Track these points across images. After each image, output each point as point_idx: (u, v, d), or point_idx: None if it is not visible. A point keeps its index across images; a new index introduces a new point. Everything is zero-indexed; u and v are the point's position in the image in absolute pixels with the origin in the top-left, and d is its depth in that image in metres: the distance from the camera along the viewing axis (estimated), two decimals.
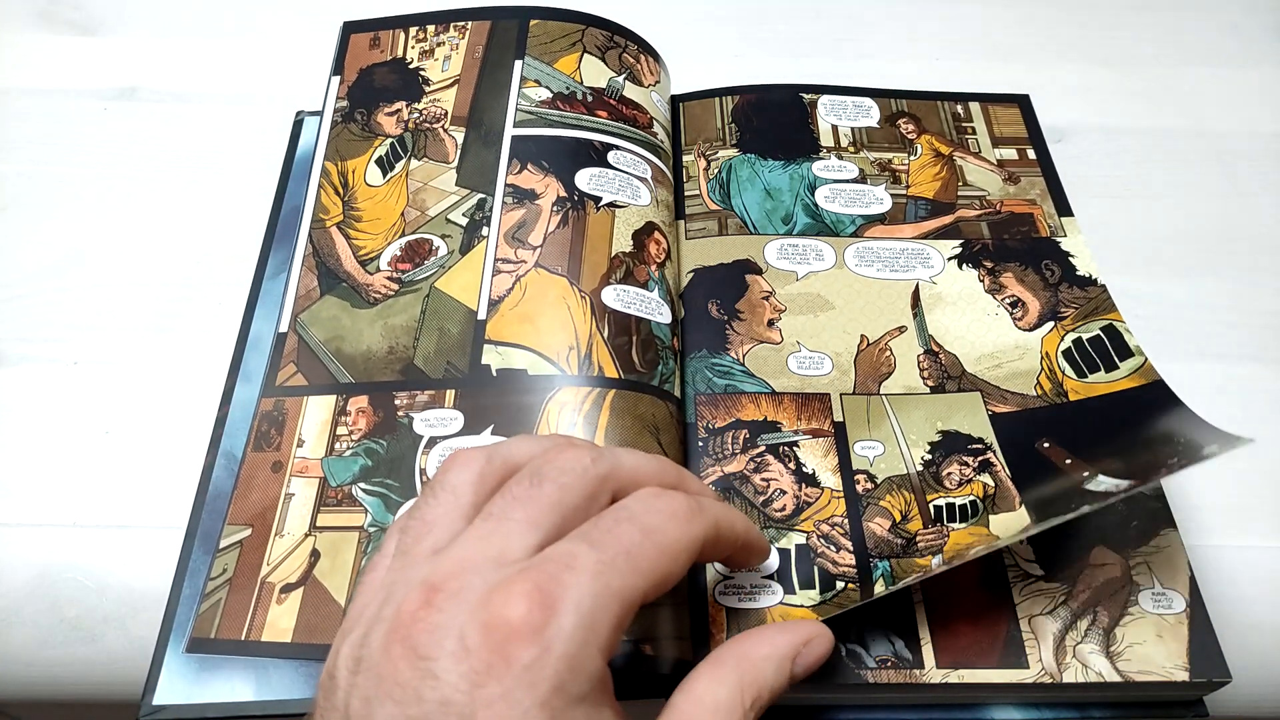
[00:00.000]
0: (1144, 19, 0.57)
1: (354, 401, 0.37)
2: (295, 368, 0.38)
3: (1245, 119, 0.53)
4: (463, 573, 0.24)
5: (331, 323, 0.39)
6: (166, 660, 0.32)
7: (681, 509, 0.26)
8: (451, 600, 0.23)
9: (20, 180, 0.47)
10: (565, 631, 0.22)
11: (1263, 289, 0.46)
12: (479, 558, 0.24)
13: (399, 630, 0.23)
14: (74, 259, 0.44)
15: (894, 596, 0.33)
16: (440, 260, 0.40)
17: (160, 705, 0.31)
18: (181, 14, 0.54)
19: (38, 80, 0.51)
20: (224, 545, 0.34)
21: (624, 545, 0.24)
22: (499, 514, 0.25)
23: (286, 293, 0.40)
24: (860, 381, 0.39)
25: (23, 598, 0.35)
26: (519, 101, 0.44)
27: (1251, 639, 0.36)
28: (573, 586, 0.23)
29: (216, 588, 0.33)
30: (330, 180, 0.43)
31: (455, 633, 0.22)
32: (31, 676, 0.35)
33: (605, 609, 0.23)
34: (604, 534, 0.25)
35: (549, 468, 0.26)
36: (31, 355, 0.41)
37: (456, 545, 0.25)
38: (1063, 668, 0.32)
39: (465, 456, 0.27)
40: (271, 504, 0.35)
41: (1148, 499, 0.37)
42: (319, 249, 0.41)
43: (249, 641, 0.32)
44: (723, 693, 0.26)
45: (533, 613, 0.22)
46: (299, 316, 0.39)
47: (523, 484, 0.26)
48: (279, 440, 0.36)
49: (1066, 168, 0.48)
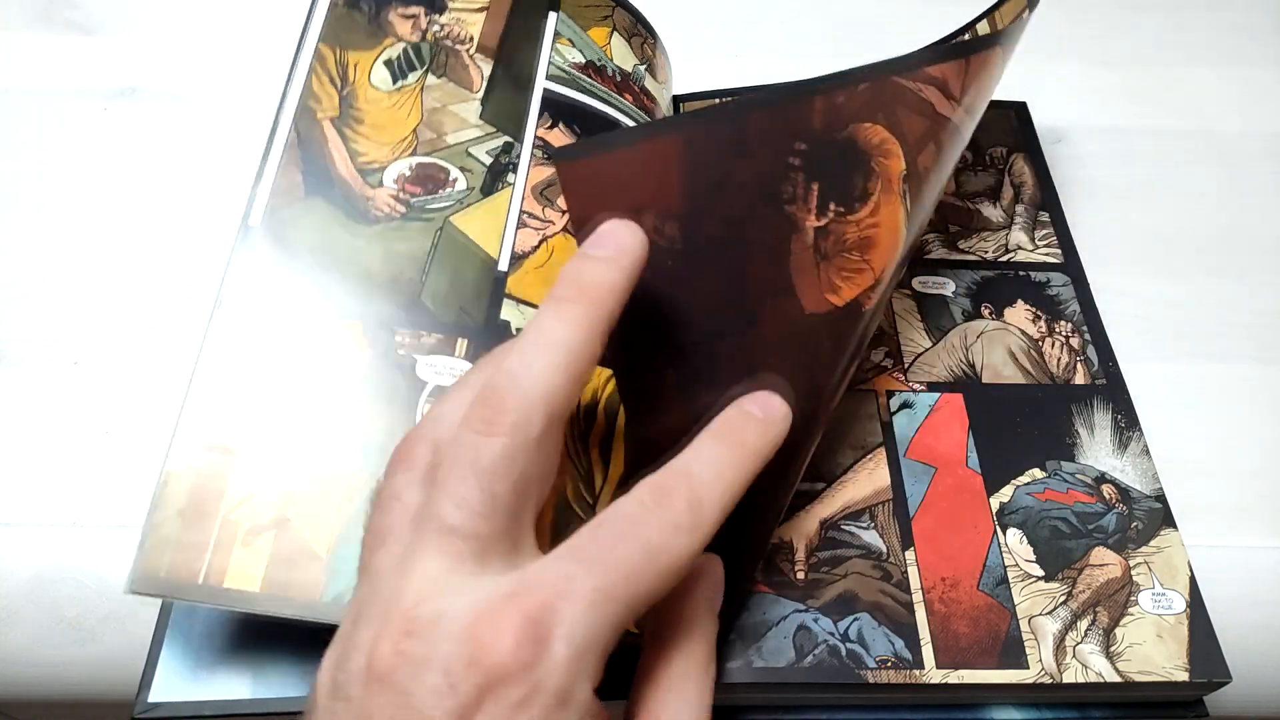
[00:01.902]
0: (1144, 19, 0.57)
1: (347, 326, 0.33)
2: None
3: (1245, 119, 0.53)
4: (439, 596, 0.22)
5: (319, 231, 0.35)
6: (162, 658, 0.32)
7: (684, 517, 0.24)
8: (432, 630, 0.21)
9: (20, 180, 0.47)
10: (558, 668, 0.21)
11: (1263, 289, 0.46)
12: (454, 578, 0.22)
13: (376, 664, 0.21)
14: (74, 259, 0.44)
15: (894, 596, 0.33)
16: (458, 194, 0.37)
17: (156, 703, 0.31)
18: (181, 14, 0.54)
19: (38, 80, 0.51)
20: (175, 468, 0.30)
21: (624, 570, 0.22)
22: (461, 527, 0.23)
23: (260, 182, 0.35)
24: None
25: (23, 598, 0.35)
26: (553, 56, 0.42)
27: (1251, 639, 0.36)
28: (567, 618, 0.21)
29: (167, 518, 0.29)
30: (326, 68, 0.39)
31: (439, 668, 0.21)
32: (31, 676, 0.35)
33: (599, 640, 0.22)
34: (603, 554, 0.22)
35: (488, 449, 0.23)
36: (31, 355, 0.41)
37: (421, 562, 0.22)
38: (1063, 668, 0.32)
39: (404, 454, 0.25)
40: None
41: (1148, 499, 0.37)
42: (306, 141, 0.37)
43: (208, 586, 0.29)
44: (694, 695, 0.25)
45: (522, 648, 0.21)
46: (276, 212, 0.35)
47: (467, 482, 0.23)
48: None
49: (1066, 168, 0.48)
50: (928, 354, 0.41)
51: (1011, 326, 0.42)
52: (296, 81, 0.38)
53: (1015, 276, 0.44)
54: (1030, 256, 0.44)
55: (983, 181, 0.47)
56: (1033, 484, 0.37)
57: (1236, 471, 0.40)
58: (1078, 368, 0.41)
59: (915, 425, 0.38)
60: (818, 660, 0.32)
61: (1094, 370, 0.41)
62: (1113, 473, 0.38)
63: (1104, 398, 0.40)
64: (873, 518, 0.36)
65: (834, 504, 0.36)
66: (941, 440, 0.38)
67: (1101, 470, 0.38)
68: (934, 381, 0.40)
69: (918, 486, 0.36)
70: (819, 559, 0.34)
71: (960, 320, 0.42)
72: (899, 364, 0.40)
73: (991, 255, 0.44)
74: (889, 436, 0.38)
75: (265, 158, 0.36)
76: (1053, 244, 0.45)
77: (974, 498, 0.36)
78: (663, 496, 0.24)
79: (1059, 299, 0.43)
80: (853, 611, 0.33)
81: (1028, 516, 0.36)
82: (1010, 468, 0.37)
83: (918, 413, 0.39)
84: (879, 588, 0.34)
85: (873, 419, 0.38)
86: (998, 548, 0.35)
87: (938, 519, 0.36)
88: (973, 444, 0.38)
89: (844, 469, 0.37)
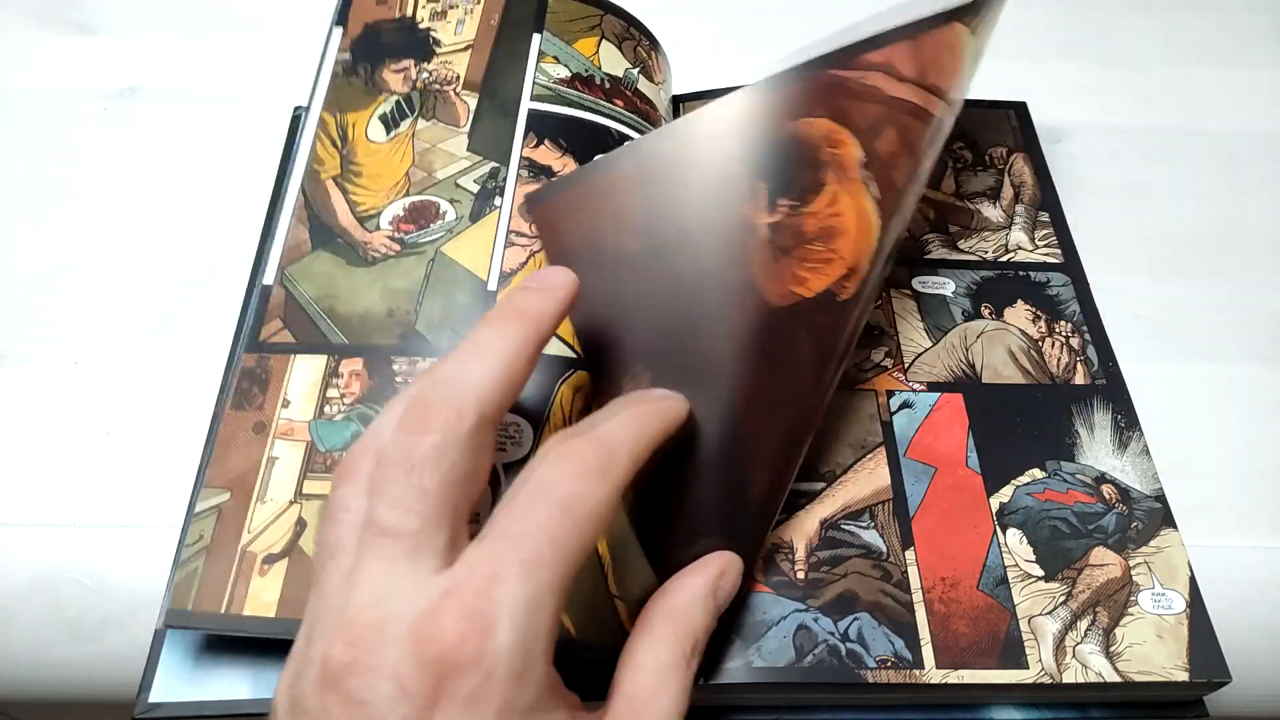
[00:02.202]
0: (1144, 19, 0.57)
1: (347, 363, 0.35)
2: (282, 324, 0.36)
3: (1245, 119, 0.53)
4: (380, 602, 0.22)
5: (324, 279, 0.37)
6: (163, 658, 0.32)
7: (592, 461, 0.24)
8: (378, 637, 0.21)
9: (20, 180, 0.47)
10: (505, 650, 0.21)
11: (1263, 289, 0.46)
12: (393, 581, 0.22)
13: (329, 677, 0.21)
14: (74, 259, 0.44)
15: (894, 596, 0.33)
16: (448, 225, 0.39)
17: (156, 703, 0.31)
18: (181, 14, 0.54)
19: (38, 80, 0.51)
20: (201, 509, 0.32)
21: (545, 531, 0.23)
22: (391, 527, 0.23)
23: (272, 244, 0.38)
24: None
25: (23, 598, 0.35)
26: (537, 76, 0.43)
27: (1251, 639, 0.36)
28: (504, 599, 0.21)
29: (192, 555, 0.31)
30: (328, 131, 0.41)
31: (389, 674, 0.21)
32: (31, 676, 0.35)
33: (541, 609, 0.22)
34: (520, 524, 0.23)
35: (419, 446, 0.24)
36: (31, 355, 0.41)
37: (362, 570, 0.23)
38: (1062, 668, 0.32)
39: (349, 465, 0.25)
40: (253, 468, 0.33)
41: (1148, 499, 0.37)
42: (312, 201, 0.39)
43: (230, 615, 0.30)
44: (663, 654, 0.25)
45: (467, 640, 0.21)
46: (286, 269, 0.37)
47: (399, 482, 0.23)
48: (262, 400, 0.34)
49: (1066, 167, 0.48)
50: (928, 354, 0.41)
51: (1011, 326, 0.42)
52: (303, 148, 0.40)
53: (1015, 276, 0.44)
54: (1030, 256, 0.44)
55: (983, 181, 0.47)
56: (1033, 484, 0.37)
57: (1236, 471, 0.40)
58: (1078, 368, 0.41)
59: (915, 425, 0.38)
60: (817, 660, 0.32)
61: (1094, 370, 0.41)
62: (1113, 473, 0.38)
63: (1104, 398, 0.40)
64: (873, 517, 0.36)
65: (834, 503, 0.36)
66: (941, 440, 0.38)
67: (1101, 470, 0.38)
68: (934, 381, 0.40)
69: (918, 486, 0.36)
70: (819, 559, 0.34)
71: (960, 320, 0.42)
72: (899, 364, 0.40)
73: (991, 255, 0.44)
74: (889, 436, 0.38)
75: (274, 220, 0.38)
76: (1053, 244, 0.45)
77: (974, 498, 0.36)
78: (567, 449, 0.25)
79: (1059, 299, 0.43)
80: (853, 611, 0.33)
81: (1028, 516, 0.36)
82: (1010, 468, 0.37)
83: (918, 412, 0.39)
84: (879, 587, 0.34)
85: (873, 419, 0.38)
86: (997, 548, 0.35)
87: (938, 519, 0.36)
88: (973, 444, 0.38)
89: (844, 469, 0.37)
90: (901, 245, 0.44)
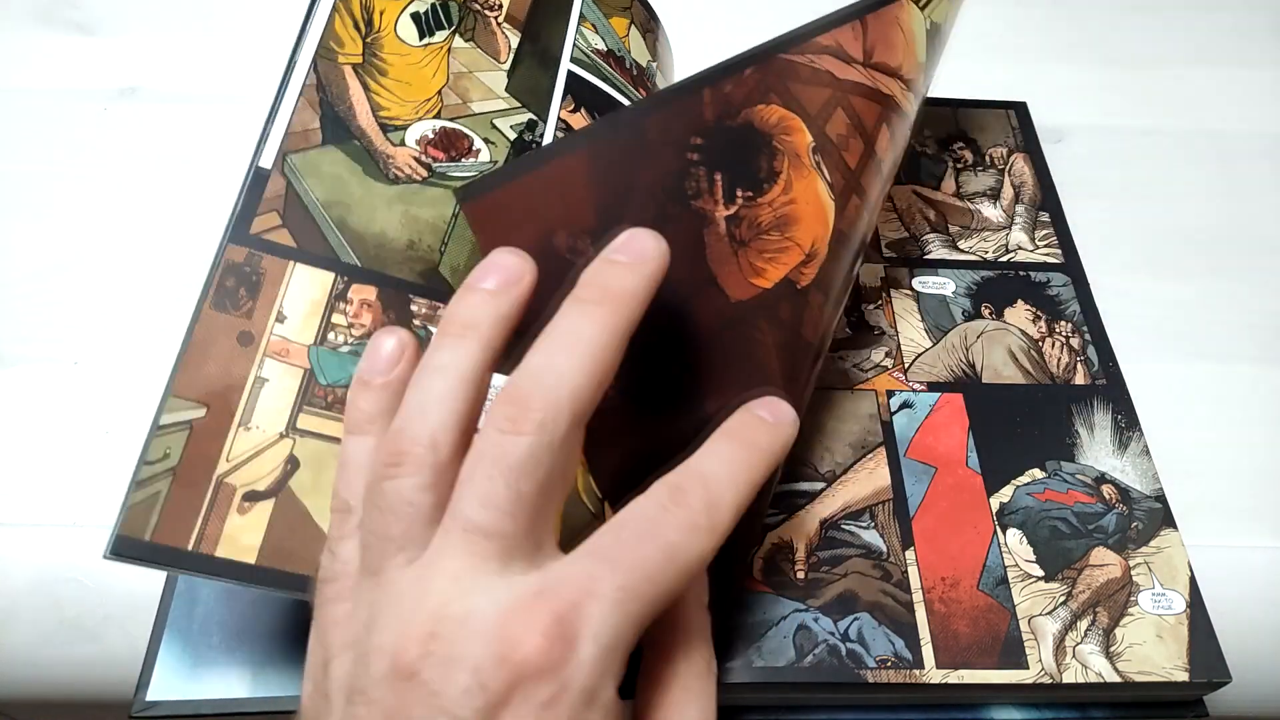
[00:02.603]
0: (1144, 19, 0.57)
1: (358, 290, 0.31)
2: (280, 219, 0.31)
3: (1245, 119, 0.53)
4: (466, 595, 0.22)
5: (335, 183, 0.33)
6: (160, 656, 0.32)
7: (701, 518, 0.24)
8: (461, 629, 0.21)
9: (20, 180, 0.47)
10: (585, 667, 0.21)
11: (1263, 289, 0.46)
12: (479, 577, 0.22)
13: (404, 668, 0.21)
14: (74, 259, 0.44)
15: (894, 596, 0.33)
16: (482, 165, 0.35)
17: (154, 702, 0.31)
18: (181, 14, 0.54)
19: (38, 80, 0.51)
20: (167, 423, 0.28)
21: (648, 569, 0.22)
22: (487, 527, 0.22)
23: (274, 121, 0.33)
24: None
25: (23, 598, 0.35)
26: (577, 39, 0.40)
27: (1251, 639, 0.36)
28: (594, 616, 0.21)
29: (155, 476, 0.27)
30: (350, 9, 0.36)
31: (469, 666, 0.21)
32: (31, 676, 0.35)
33: (624, 638, 0.22)
34: (626, 553, 0.23)
35: (517, 448, 0.23)
36: (31, 355, 0.41)
37: (445, 562, 0.22)
38: (1062, 668, 0.32)
39: (402, 454, 0.24)
40: (236, 384, 0.29)
41: (1148, 499, 0.37)
42: (326, 84, 0.35)
43: (197, 554, 0.26)
44: (695, 663, 0.25)
45: (553, 647, 0.21)
46: (289, 156, 0.32)
47: (495, 481, 0.22)
48: (250, 305, 0.30)
49: (1066, 168, 0.48)
50: (928, 354, 0.41)
51: (1011, 326, 0.42)
52: (318, 20, 0.36)
53: (1015, 276, 0.44)
54: (1030, 257, 0.44)
55: (983, 182, 0.47)
56: (1033, 484, 0.37)
57: (1236, 471, 0.40)
58: (1078, 368, 0.41)
59: (915, 425, 0.38)
60: (818, 660, 0.32)
61: (1094, 370, 0.41)
62: (1113, 473, 0.38)
63: (1104, 398, 0.40)
64: (873, 517, 0.36)
65: (834, 503, 0.36)
66: (941, 440, 0.38)
67: (1101, 470, 0.38)
68: (934, 381, 0.40)
69: (918, 486, 0.36)
70: (819, 558, 0.34)
71: (960, 320, 0.42)
72: (899, 363, 0.40)
73: (992, 255, 0.44)
74: (889, 436, 0.38)
75: (279, 96, 0.34)
76: (1053, 244, 0.45)
77: (974, 498, 0.36)
78: (680, 497, 0.24)
79: (1059, 299, 0.43)
80: (853, 611, 0.33)
81: (1028, 516, 0.36)
82: (1010, 468, 0.37)
83: (918, 412, 0.39)
84: (879, 587, 0.34)
85: (873, 418, 0.38)
86: (998, 548, 0.35)
87: (938, 519, 0.36)
88: (973, 444, 0.38)
89: (844, 468, 0.37)
90: (901, 245, 0.44)
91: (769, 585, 0.34)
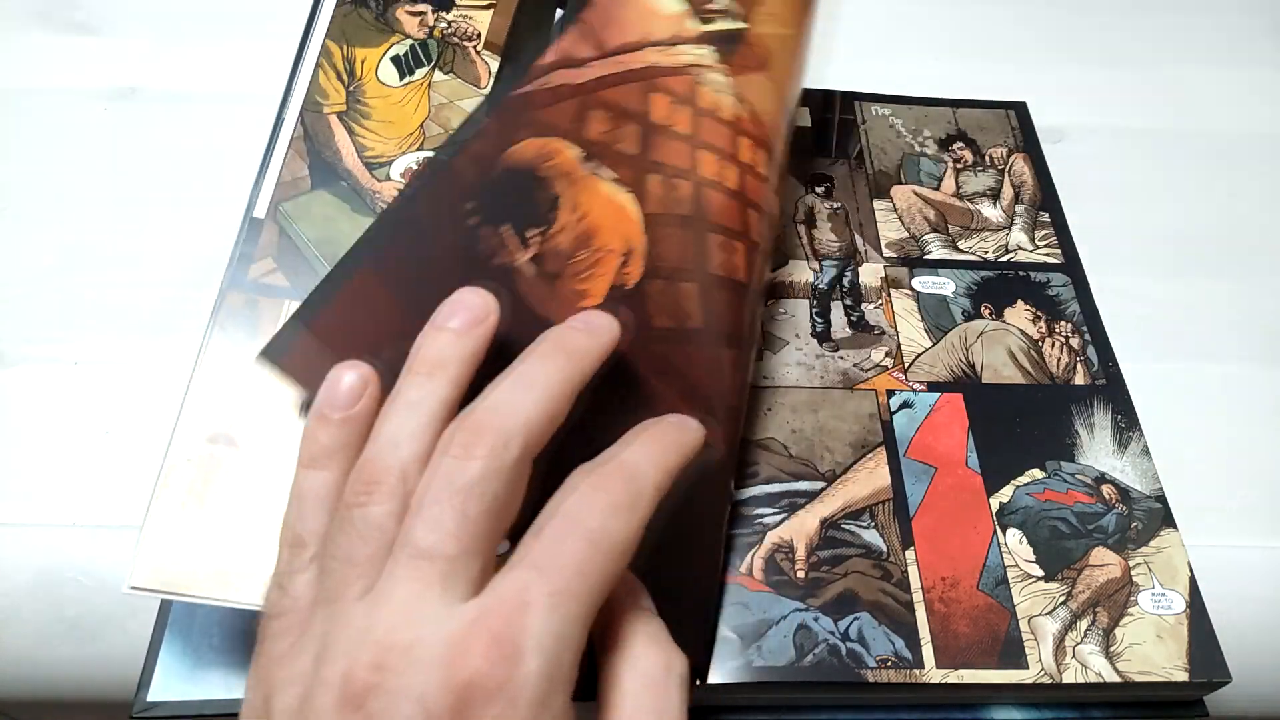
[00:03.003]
0: (1143, 19, 0.57)
1: None
2: (275, 264, 0.34)
3: (1245, 119, 0.53)
4: (410, 624, 0.22)
5: (325, 223, 0.35)
6: (161, 657, 0.32)
7: (622, 498, 0.24)
8: (405, 659, 0.21)
9: (20, 180, 0.47)
10: (531, 679, 0.21)
11: (1263, 289, 0.46)
12: (423, 605, 0.22)
13: (351, 699, 0.21)
14: (74, 259, 0.44)
15: (894, 596, 0.33)
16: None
17: (154, 702, 0.31)
18: (181, 14, 0.54)
19: (38, 80, 0.51)
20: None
21: (574, 564, 0.23)
22: (431, 549, 0.23)
23: (265, 175, 0.36)
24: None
25: (23, 598, 0.35)
26: None
27: (1251, 639, 0.36)
28: (532, 628, 0.22)
29: (169, 512, 0.30)
30: (333, 63, 0.39)
31: (414, 696, 0.21)
32: (31, 676, 0.35)
33: (568, 640, 0.22)
34: (550, 556, 0.23)
35: (466, 471, 0.23)
36: (31, 355, 0.41)
37: (392, 590, 0.23)
38: (1062, 668, 0.32)
39: (374, 481, 0.24)
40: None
41: (1147, 499, 0.37)
42: (312, 135, 0.37)
43: (211, 586, 0.29)
44: (647, 665, 0.25)
45: (495, 667, 0.21)
46: (281, 205, 0.35)
47: (442, 504, 0.23)
48: (250, 347, 0.33)
49: (1066, 168, 0.48)
50: (928, 354, 0.41)
51: (1011, 326, 0.42)
52: (303, 76, 0.38)
53: (1015, 277, 0.44)
54: (1030, 257, 0.44)
55: (983, 182, 0.47)
56: (1032, 484, 0.37)
57: (1236, 471, 0.40)
58: (1077, 368, 0.41)
59: (915, 425, 0.38)
60: (818, 659, 0.32)
61: (1094, 370, 0.41)
62: (1112, 473, 0.38)
63: (1104, 398, 0.40)
64: (873, 517, 0.36)
65: (834, 503, 0.36)
66: (941, 440, 0.38)
67: (1101, 470, 0.38)
68: (934, 381, 0.40)
69: (918, 486, 0.36)
70: (819, 558, 0.34)
71: (960, 320, 0.42)
72: (899, 363, 0.40)
73: (991, 255, 0.44)
74: (889, 436, 0.38)
75: (269, 150, 0.36)
76: (1052, 244, 0.45)
77: (974, 497, 0.36)
78: (598, 483, 0.25)
79: (1059, 299, 0.43)
80: (853, 611, 0.33)
81: (1027, 516, 0.36)
82: (1010, 468, 0.37)
83: (918, 412, 0.39)
84: (879, 587, 0.34)
85: (873, 418, 0.38)
86: (997, 547, 0.35)
87: (938, 518, 0.36)
88: (973, 444, 0.38)
89: (844, 468, 0.37)
90: (901, 245, 0.44)
91: (769, 585, 0.34)
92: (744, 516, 0.35)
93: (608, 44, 0.33)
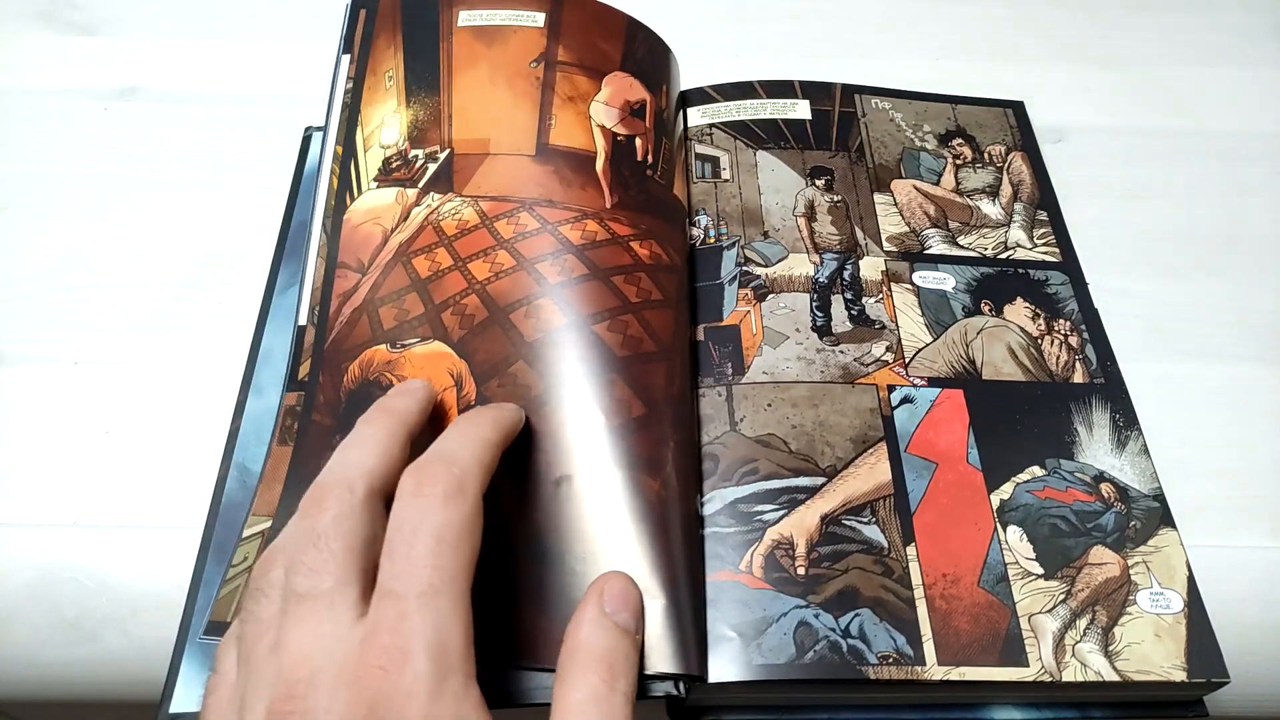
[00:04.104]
0: (1144, 19, 0.57)
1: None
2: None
3: (1245, 119, 0.53)
4: (309, 659, 0.24)
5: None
6: (183, 669, 0.32)
7: (448, 489, 0.27)
8: (311, 688, 0.24)
9: (20, 180, 0.47)
10: (425, 672, 0.24)
11: (1263, 289, 0.46)
12: (318, 639, 0.25)
13: None
14: (74, 259, 0.44)
15: (895, 592, 0.33)
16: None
17: (177, 714, 0.31)
18: (181, 14, 0.54)
19: (38, 80, 0.51)
20: (247, 535, 0.34)
21: (428, 563, 0.25)
22: (309, 590, 0.26)
23: (304, 285, 0.39)
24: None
25: (23, 598, 0.35)
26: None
27: (1250, 639, 0.36)
28: (413, 632, 0.24)
29: (236, 574, 0.33)
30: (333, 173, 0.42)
31: (334, 717, 0.23)
32: (31, 676, 0.35)
33: (448, 627, 0.25)
34: (405, 564, 0.25)
35: (321, 520, 0.27)
36: (31, 355, 0.41)
37: (291, 636, 0.25)
38: (1062, 666, 0.32)
39: (268, 559, 0.27)
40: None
41: (1146, 498, 0.37)
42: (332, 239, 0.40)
43: None
44: (578, 693, 0.27)
45: (392, 673, 0.24)
46: (316, 308, 0.39)
47: (308, 552, 0.26)
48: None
49: (1065, 167, 0.48)
50: (928, 349, 0.41)
51: (1011, 323, 0.42)
52: (320, 193, 0.41)
53: (1014, 274, 0.44)
54: (1029, 255, 0.44)
55: (982, 179, 0.47)
56: (1032, 481, 0.37)
57: (1236, 471, 0.40)
58: (1076, 366, 0.41)
59: (916, 420, 0.38)
60: (819, 656, 0.32)
61: (1093, 369, 0.41)
62: (1111, 471, 0.38)
63: (1102, 397, 0.40)
64: (874, 513, 0.36)
65: (835, 499, 0.36)
66: (942, 436, 0.38)
67: (1100, 469, 0.38)
68: (934, 376, 0.40)
69: (919, 482, 0.36)
70: (820, 554, 0.34)
71: (960, 316, 0.42)
72: (900, 358, 0.40)
73: (991, 252, 0.44)
74: (890, 431, 0.38)
75: (304, 264, 0.40)
76: (1051, 243, 0.45)
77: (975, 494, 0.36)
78: (423, 479, 0.27)
79: (1057, 297, 0.43)
80: (854, 607, 0.33)
81: (1028, 514, 0.36)
82: (1010, 465, 0.37)
83: (919, 408, 0.39)
84: (880, 583, 0.34)
85: (874, 413, 0.38)
86: (998, 544, 0.35)
87: (939, 515, 0.36)
88: (973, 440, 0.38)
89: (845, 463, 0.37)
90: (902, 239, 0.44)
91: (769, 582, 0.34)
92: (743, 513, 0.35)
93: (364, 261, 0.39)
